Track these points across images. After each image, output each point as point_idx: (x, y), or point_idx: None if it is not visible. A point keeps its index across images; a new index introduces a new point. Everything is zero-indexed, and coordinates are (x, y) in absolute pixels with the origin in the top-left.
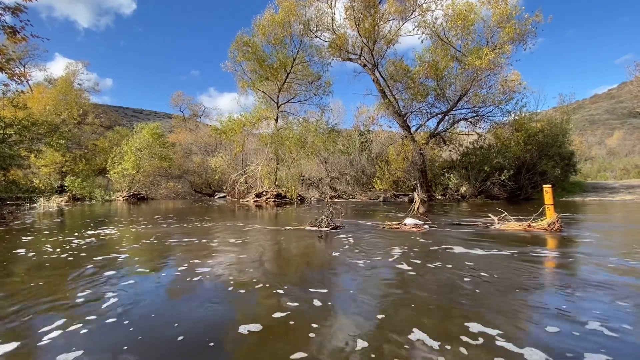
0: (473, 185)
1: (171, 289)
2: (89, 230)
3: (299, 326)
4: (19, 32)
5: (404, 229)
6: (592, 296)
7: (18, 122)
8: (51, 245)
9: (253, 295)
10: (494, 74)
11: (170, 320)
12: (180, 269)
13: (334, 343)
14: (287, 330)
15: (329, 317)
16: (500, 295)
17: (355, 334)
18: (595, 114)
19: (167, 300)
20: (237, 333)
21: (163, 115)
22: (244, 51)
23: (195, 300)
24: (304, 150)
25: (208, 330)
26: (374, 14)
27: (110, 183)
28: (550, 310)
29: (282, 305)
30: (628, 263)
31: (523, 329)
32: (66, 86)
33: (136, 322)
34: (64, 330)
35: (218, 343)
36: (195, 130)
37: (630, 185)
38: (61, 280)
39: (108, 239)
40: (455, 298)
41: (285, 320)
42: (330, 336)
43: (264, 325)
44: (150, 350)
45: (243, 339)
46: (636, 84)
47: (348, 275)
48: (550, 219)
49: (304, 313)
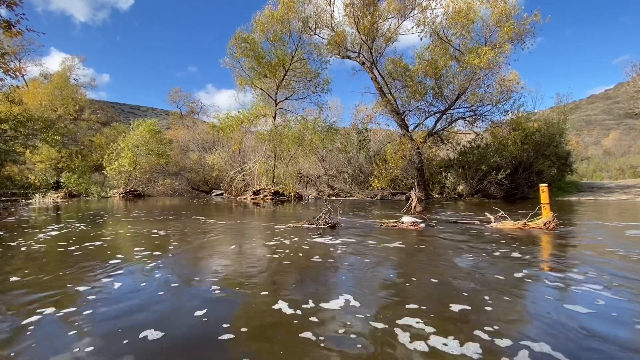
0: (470, 184)
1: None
2: (83, 226)
3: (293, 327)
4: (14, 26)
5: (401, 227)
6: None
7: (13, 117)
8: (42, 240)
9: (247, 296)
10: (492, 73)
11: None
12: (167, 273)
13: (327, 345)
14: (276, 330)
15: (321, 318)
16: (495, 295)
17: (348, 335)
18: (591, 114)
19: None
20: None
21: (160, 111)
22: (242, 48)
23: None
24: (302, 148)
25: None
26: (373, 12)
27: (107, 180)
28: (544, 310)
29: (276, 306)
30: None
31: (518, 327)
32: (62, 81)
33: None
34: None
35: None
36: (193, 127)
37: (625, 185)
38: (49, 274)
39: (102, 236)
40: (451, 297)
41: (278, 321)
42: (322, 337)
43: (251, 327)
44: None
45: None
46: (633, 85)
47: (345, 275)
48: (546, 217)
49: (297, 313)
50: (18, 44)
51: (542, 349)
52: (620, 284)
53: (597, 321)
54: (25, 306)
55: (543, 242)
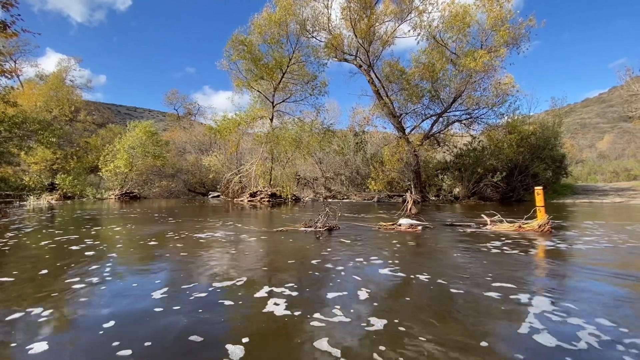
0: (466, 187)
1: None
2: (75, 228)
3: (289, 332)
4: (10, 26)
5: (399, 230)
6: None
7: (8, 118)
8: (32, 241)
9: (241, 298)
10: (488, 76)
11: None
12: (163, 276)
13: (321, 349)
14: (276, 336)
15: (317, 323)
16: (492, 298)
17: (344, 339)
18: (586, 118)
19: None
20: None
21: (157, 113)
22: (239, 50)
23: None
24: (299, 150)
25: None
26: (370, 15)
27: (103, 181)
28: (538, 313)
29: (272, 310)
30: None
31: (513, 331)
32: (58, 82)
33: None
34: None
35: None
36: (190, 129)
37: (619, 188)
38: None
39: (94, 235)
40: (447, 301)
41: (275, 327)
42: (318, 342)
43: (253, 333)
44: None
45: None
46: (627, 89)
47: (342, 278)
48: (541, 220)
49: (295, 319)
50: (13, 44)
51: None
52: (614, 284)
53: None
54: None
55: (537, 245)
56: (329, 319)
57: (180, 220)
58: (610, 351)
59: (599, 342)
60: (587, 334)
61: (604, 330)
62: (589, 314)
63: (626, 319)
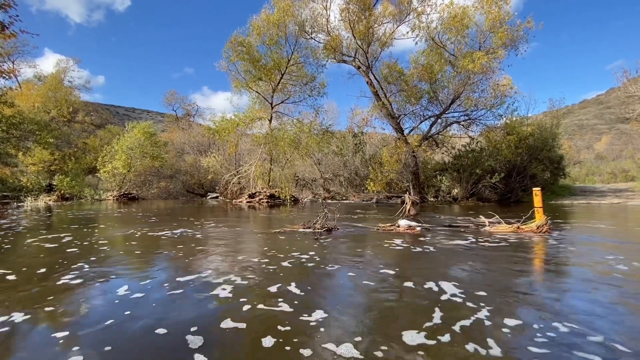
0: (465, 188)
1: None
2: (71, 229)
3: (289, 337)
4: (8, 27)
5: (397, 231)
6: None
7: (6, 119)
8: (28, 244)
9: (237, 298)
10: (486, 78)
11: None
12: (159, 277)
13: (321, 349)
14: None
15: (314, 326)
16: (491, 298)
17: (342, 339)
18: (584, 119)
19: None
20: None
21: (155, 114)
22: (238, 51)
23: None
24: (298, 151)
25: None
26: (369, 17)
27: (101, 182)
28: (539, 311)
29: (272, 310)
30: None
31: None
32: (56, 83)
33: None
34: None
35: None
36: (188, 130)
37: (617, 189)
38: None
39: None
40: (441, 303)
41: (274, 331)
42: (317, 341)
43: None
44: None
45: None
46: (624, 90)
47: (340, 282)
48: (539, 221)
49: (293, 321)
50: (12, 45)
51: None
52: (608, 286)
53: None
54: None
55: (535, 246)
56: (325, 319)
57: (179, 221)
58: (610, 352)
59: (598, 343)
60: (587, 338)
61: (603, 332)
62: (588, 315)
63: (622, 324)
